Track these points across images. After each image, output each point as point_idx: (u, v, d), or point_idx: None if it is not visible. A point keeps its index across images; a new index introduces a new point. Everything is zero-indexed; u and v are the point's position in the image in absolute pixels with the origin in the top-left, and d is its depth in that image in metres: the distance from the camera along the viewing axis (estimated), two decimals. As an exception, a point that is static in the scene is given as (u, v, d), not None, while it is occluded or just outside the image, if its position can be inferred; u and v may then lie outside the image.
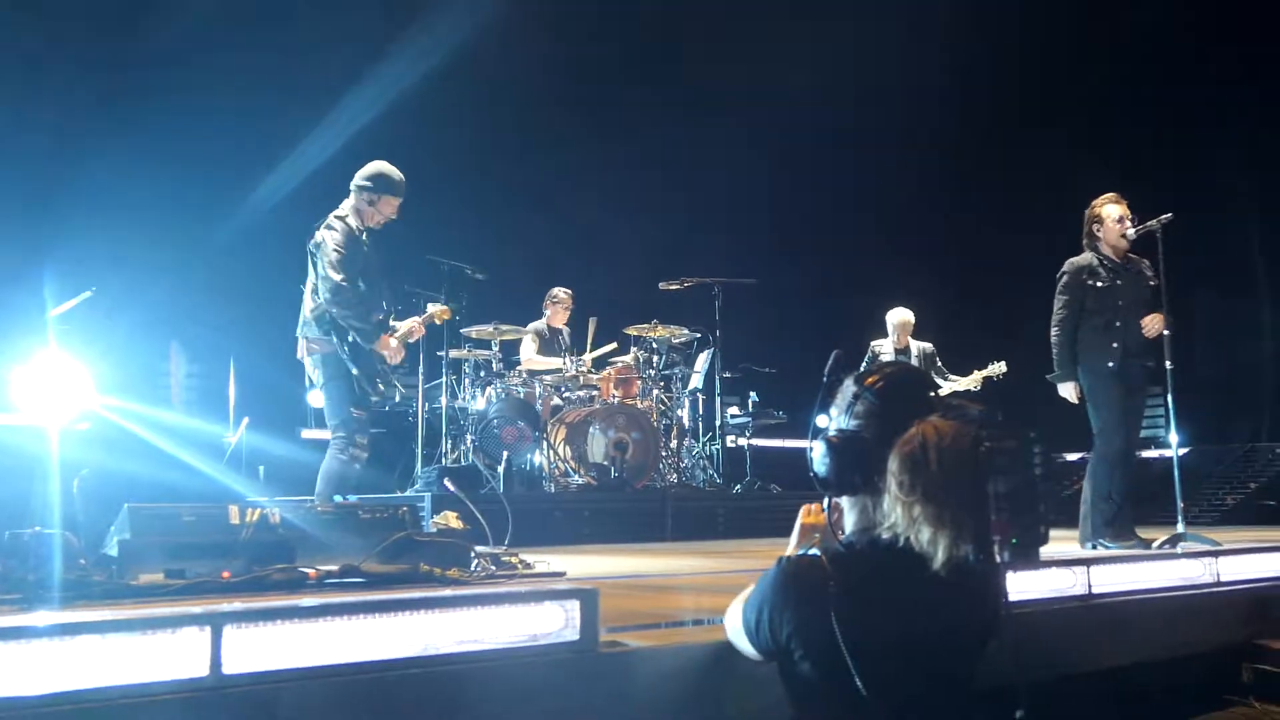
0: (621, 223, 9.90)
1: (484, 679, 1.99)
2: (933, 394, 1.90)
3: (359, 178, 5.36)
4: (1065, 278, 5.40)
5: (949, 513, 1.71)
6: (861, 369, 1.96)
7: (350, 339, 5.17)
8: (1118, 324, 5.24)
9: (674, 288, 8.33)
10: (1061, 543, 5.20)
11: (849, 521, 1.95)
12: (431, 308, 5.86)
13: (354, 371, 5.17)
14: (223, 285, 5.73)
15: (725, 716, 2.23)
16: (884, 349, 8.69)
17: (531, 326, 8.42)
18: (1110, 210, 5.33)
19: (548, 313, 8.61)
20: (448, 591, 2.34)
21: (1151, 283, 5.37)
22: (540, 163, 10.02)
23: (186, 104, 8.20)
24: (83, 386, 6.84)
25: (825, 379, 2.00)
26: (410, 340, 5.66)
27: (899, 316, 8.68)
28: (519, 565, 3.93)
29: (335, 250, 5.15)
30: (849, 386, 1.93)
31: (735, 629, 2.02)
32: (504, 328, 7.85)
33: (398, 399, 7.68)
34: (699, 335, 8.42)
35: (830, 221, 11.14)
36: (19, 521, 3.81)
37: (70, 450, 5.72)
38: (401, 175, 5.40)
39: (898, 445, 1.77)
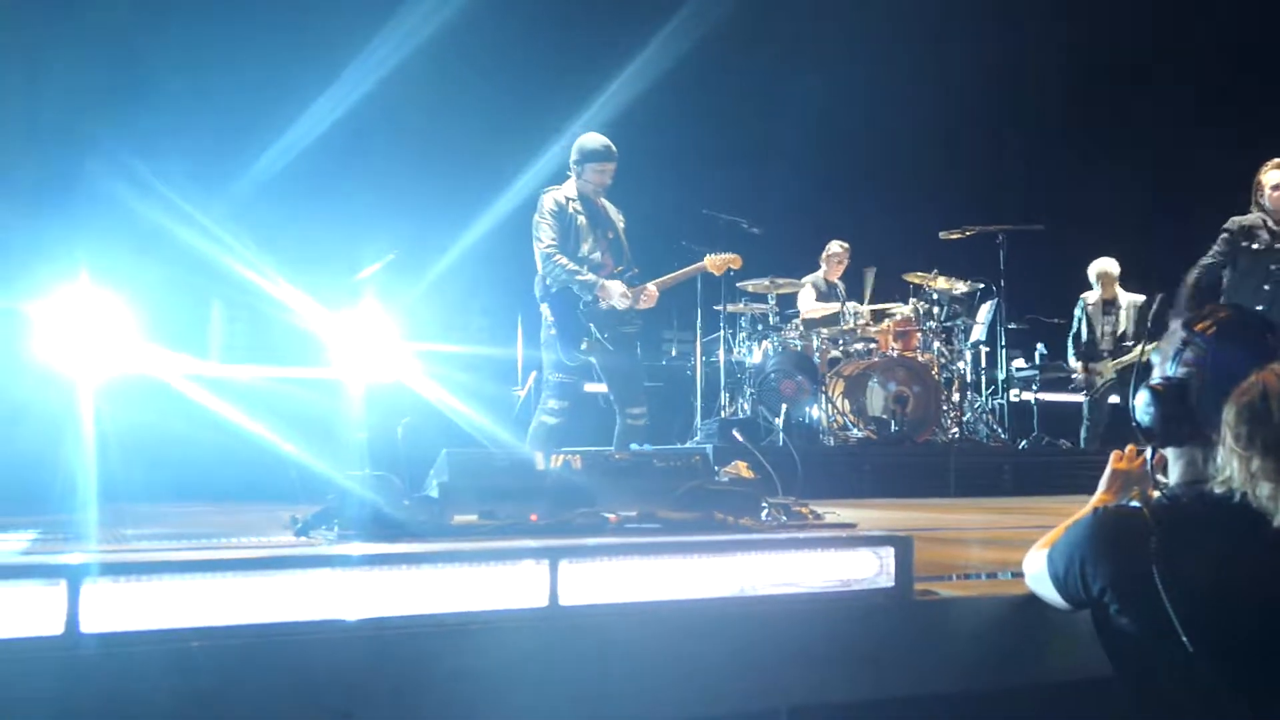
0: (900, 172, 9.66)
1: (799, 622, 2.03)
2: (1271, 339, 1.78)
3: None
4: (1225, 233, 5.36)
5: None
6: (1191, 313, 1.85)
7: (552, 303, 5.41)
8: (1266, 287, 5.13)
9: (955, 236, 8.05)
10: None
11: (1173, 473, 1.87)
12: (712, 258, 5.94)
13: (552, 333, 5.38)
14: (511, 239, 6.05)
15: (1045, 668, 2.18)
16: (1091, 301, 8.27)
17: (808, 279, 8.39)
18: (1270, 176, 5.27)
19: (824, 267, 8.55)
20: (767, 535, 2.40)
21: None
22: (807, 113, 9.89)
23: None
24: (391, 341, 7.40)
25: (1149, 323, 1.91)
26: (666, 287, 5.74)
27: (1099, 267, 8.26)
28: (809, 516, 3.95)
29: (536, 220, 5.52)
30: (1177, 331, 1.83)
31: (1037, 575, 1.98)
32: (780, 281, 7.85)
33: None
34: (982, 285, 8.12)
35: (1118, 163, 10.42)
36: (347, 466, 4.19)
37: (381, 402, 6.23)
38: (601, 141, 5.59)
39: (1234, 395, 1.67)
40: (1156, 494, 1.93)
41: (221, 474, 5.33)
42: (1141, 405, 1.82)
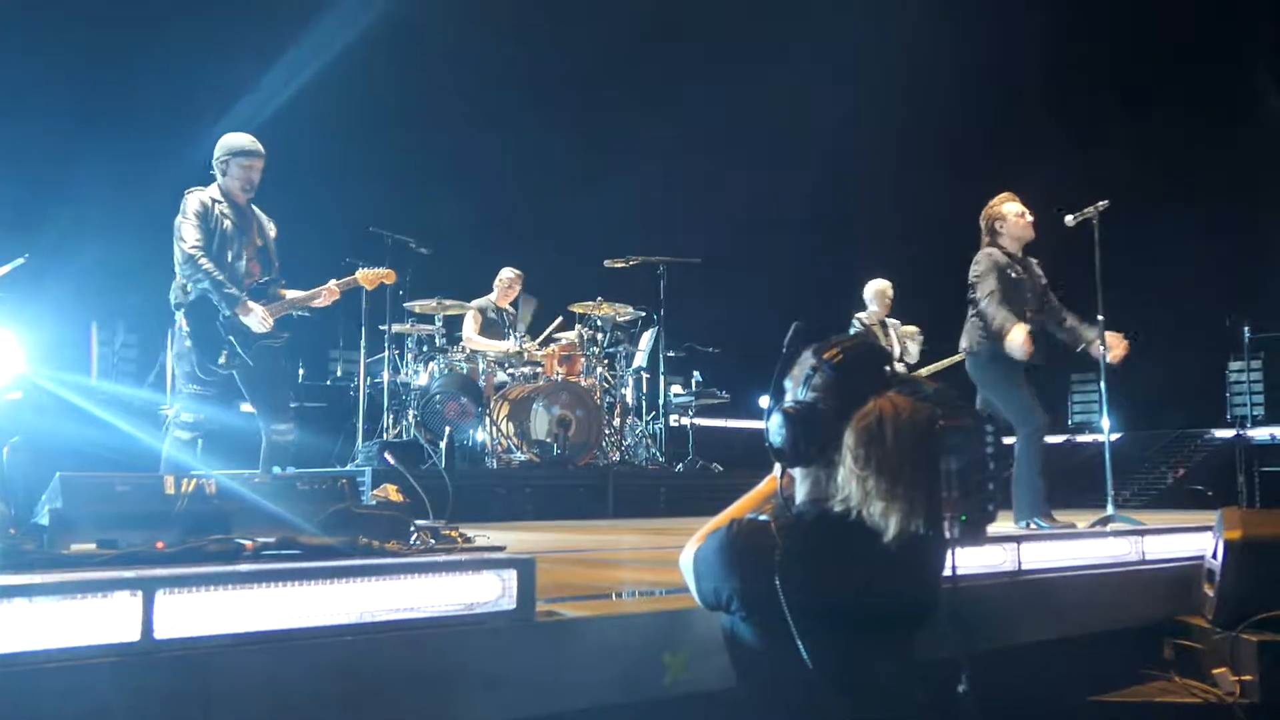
0: (567, 200, 9.87)
1: (420, 647, 2.00)
2: (889, 369, 1.93)
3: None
4: (984, 264, 5.36)
5: (902, 488, 1.75)
6: (820, 342, 1.96)
7: (189, 312, 5.13)
8: (1028, 314, 5.27)
9: (620, 265, 8.31)
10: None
11: (800, 492, 1.97)
12: (365, 272, 5.73)
13: (187, 344, 5.13)
14: (160, 253, 5.65)
15: (665, 686, 2.26)
16: (869, 321, 8.25)
17: (476, 303, 8.33)
18: (1011, 207, 5.39)
19: (495, 293, 8.53)
20: (386, 560, 2.34)
21: (1042, 281, 5.46)
22: (487, 138, 9.95)
23: (131, 64, 8.05)
24: (13, 355, 6.71)
25: (785, 350, 2.00)
26: (315, 305, 5.50)
27: (877, 287, 8.23)
28: (459, 540, 3.93)
29: (179, 222, 5.15)
30: (807, 358, 1.94)
31: (685, 566, 2.06)
32: (447, 302, 7.80)
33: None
34: (644, 313, 8.42)
35: (776, 203, 11.18)
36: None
37: (1, 420, 5.63)
38: (247, 138, 5.33)
39: (854, 419, 1.80)
40: (788, 512, 2.02)
41: None
42: (774, 427, 1.90)
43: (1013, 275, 5.31)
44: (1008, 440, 7.88)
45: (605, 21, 10.33)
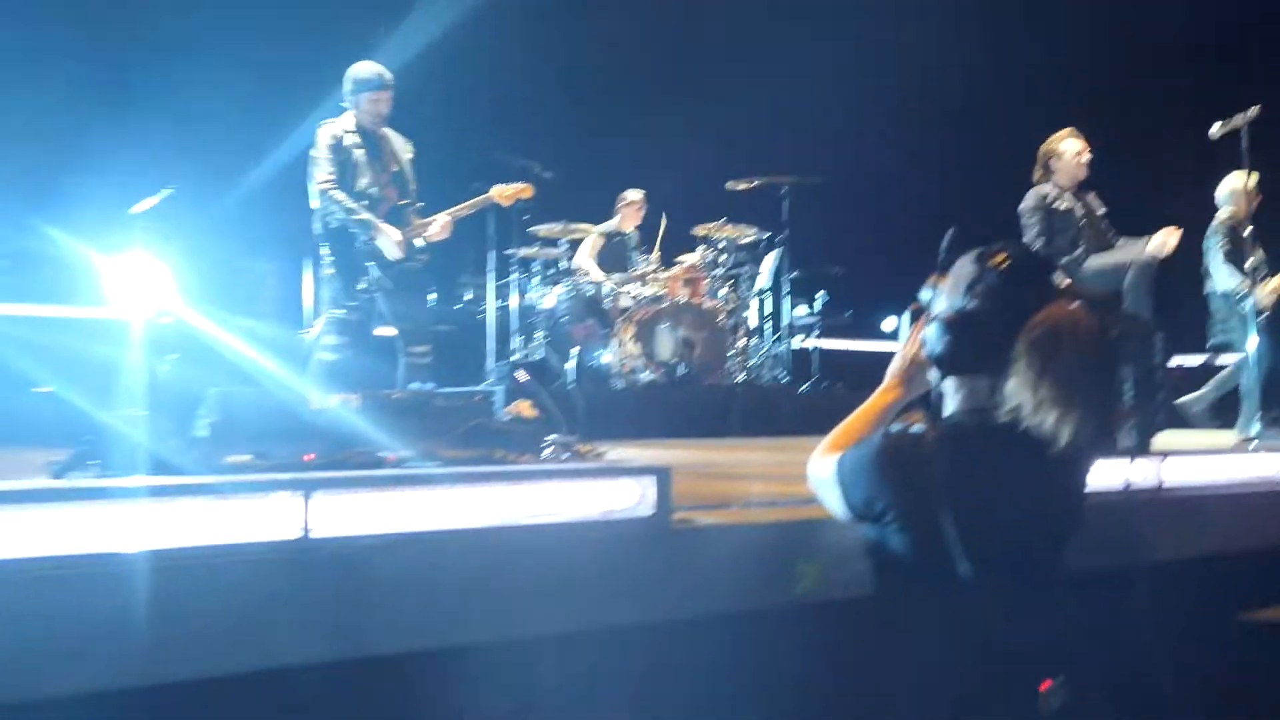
0: (690, 120, 9.75)
1: (561, 550, 2.04)
2: (1051, 278, 1.86)
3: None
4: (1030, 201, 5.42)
5: (1078, 397, 1.69)
6: (982, 248, 1.88)
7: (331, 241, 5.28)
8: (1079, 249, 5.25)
9: (742, 187, 8.22)
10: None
11: (952, 402, 1.91)
12: (500, 188, 5.80)
13: (330, 271, 5.27)
14: (298, 186, 5.80)
15: (797, 594, 2.27)
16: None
17: (600, 228, 8.34)
18: (1070, 144, 5.37)
19: (619, 216, 8.52)
20: (529, 467, 2.39)
21: (1099, 211, 5.42)
22: (609, 60, 9.86)
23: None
24: (164, 283, 7.00)
25: (942, 257, 1.93)
26: (458, 218, 5.61)
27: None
28: (590, 454, 3.99)
29: (313, 155, 5.31)
30: (967, 266, 1.87)
31: (824, 480, 2.00)
32: (573, 226, 7.84)
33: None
34: (767, 235, 8.34)
35: (903, 119, 10.83)
36: (109, 407, 3.95)
37: (155, 343, 5.89)
38: (374, 69, 5.40)
39: (1028, 328, 1.74)
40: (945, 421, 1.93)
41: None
42: (934, 336, 1.84)
43: (1059, 208, 5.29)
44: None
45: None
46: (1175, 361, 7.14)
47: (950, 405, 1.91)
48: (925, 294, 1.98)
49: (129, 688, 1.66)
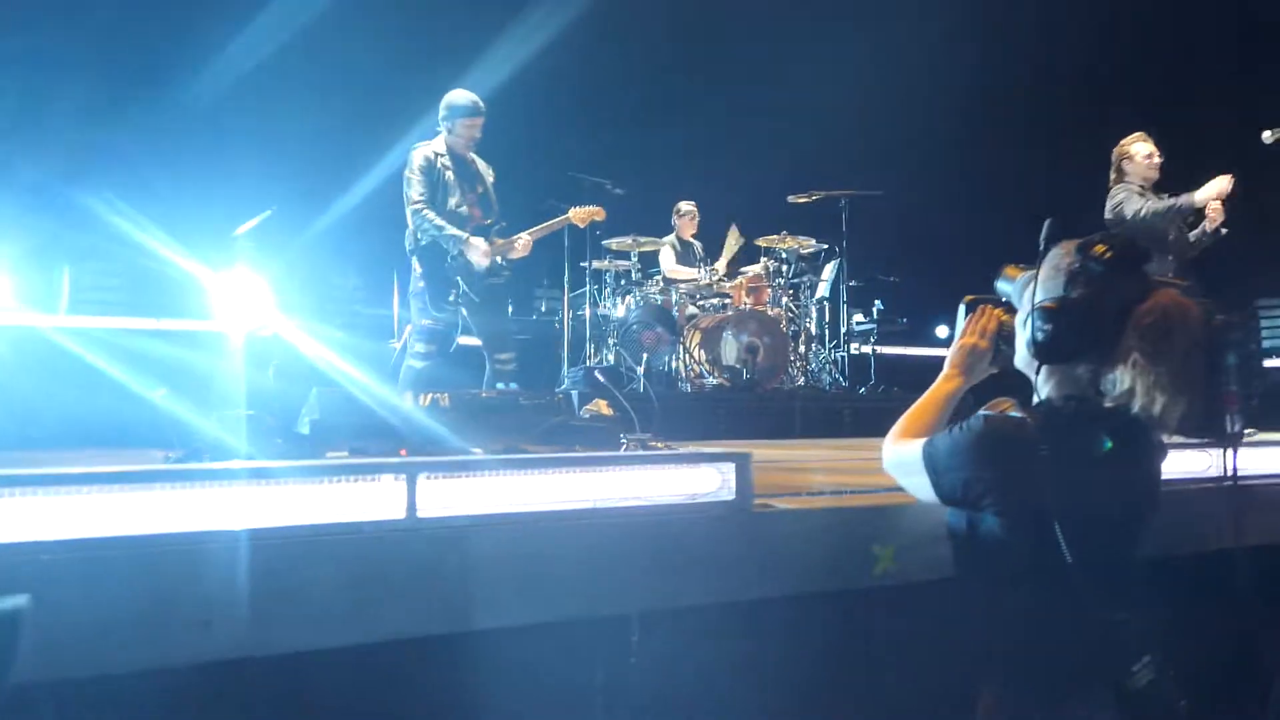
0: (751, 137, 9.73)
1: (647, 532, 2.03)
2: (1147, 266, 1.80)
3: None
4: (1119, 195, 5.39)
5: (1189, 383, 1.66)
6: (1078, 239, 1.82)
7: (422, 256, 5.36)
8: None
9: (803, 200, 8.20)
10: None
11: (1045, 389, 1.85)
12: (577, 210, 5.89)
13: (420, 285, 5.33)
14: (387, 200, 5.90)
15: (874, 576, 2.23)
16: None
17: (665, 239, 8.43)
18: (1140, 147, 5.38)
19: (676, 226, 8.59)
20: (618, 454, 2.39)
21: None
22: (674, 81, 9.89)
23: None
24: (265, 298, 7.14)
25: (1042, 246, 1.87)
26: (537, 237, 5.67)
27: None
28: (663, 450, 3.97)
29: (407, 176, 5.41)
30: (1065, 255, 1.81)
31: (907, 464, 1.95)
32: (641, 239, 7.90)
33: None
34: (826, 246, 8.30)
35: (956, 135, 10.69)
36: (216, 410, 4.03)
37: (259, 353, 6.02)
38: (469, 98, 5.48)
39: (1138, 315, 1.70)
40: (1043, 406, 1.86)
41: (92, 423, 5.06)
42: (1037, 324, 1.79)
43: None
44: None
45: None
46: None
47: (1044, 392, 1.85)
48: (1002, 285, 1.93)
49: (250, 657, 1.68)
